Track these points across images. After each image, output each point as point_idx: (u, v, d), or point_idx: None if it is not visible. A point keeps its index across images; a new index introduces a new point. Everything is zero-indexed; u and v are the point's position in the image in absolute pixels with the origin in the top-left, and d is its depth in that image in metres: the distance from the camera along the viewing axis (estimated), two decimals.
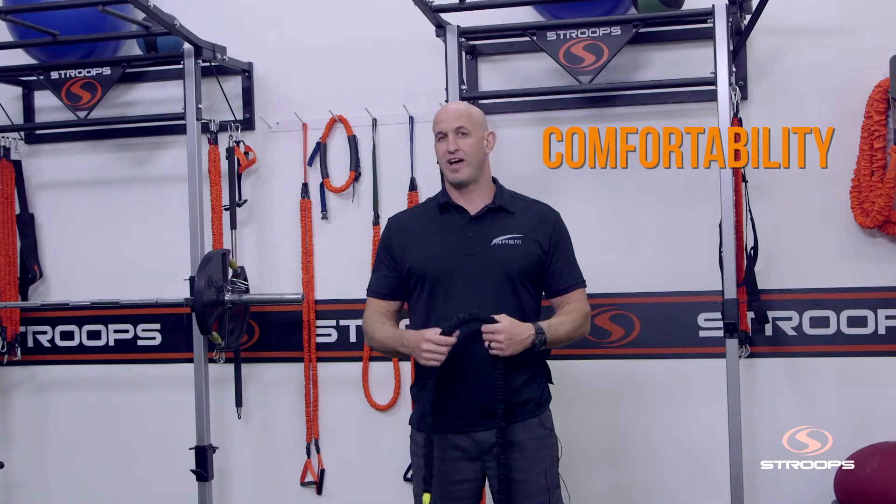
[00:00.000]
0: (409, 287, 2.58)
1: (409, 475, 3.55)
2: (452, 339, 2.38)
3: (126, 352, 3.91)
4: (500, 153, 3.46)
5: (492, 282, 2.48)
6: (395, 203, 3.58)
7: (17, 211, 3.92)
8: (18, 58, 3.75)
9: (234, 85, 3.76)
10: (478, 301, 2.45)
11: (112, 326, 3.93)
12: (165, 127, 3.76)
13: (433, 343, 2.37)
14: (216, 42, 3.51)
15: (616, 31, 3.16)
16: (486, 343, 2.39)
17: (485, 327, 2.38)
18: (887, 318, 3.26)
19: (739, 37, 3.16)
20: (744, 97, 3.29)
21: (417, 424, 2.58)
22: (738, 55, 3.23)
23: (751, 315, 3.28)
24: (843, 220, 3.26)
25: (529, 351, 2.44)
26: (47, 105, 3.94)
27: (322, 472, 3.73)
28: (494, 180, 2.63)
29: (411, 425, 2.64)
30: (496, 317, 2.39)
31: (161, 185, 3.84)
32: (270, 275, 3.75)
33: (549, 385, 2.62)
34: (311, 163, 3.72)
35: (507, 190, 2.64)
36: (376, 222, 3.62)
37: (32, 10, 3.41)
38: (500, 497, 2.50)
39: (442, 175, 3.37)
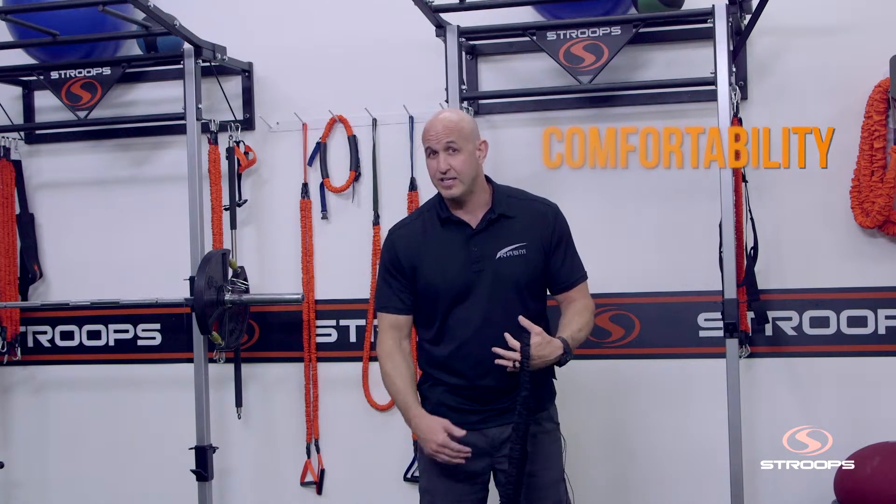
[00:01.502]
0: (418, 302, 2.56)
1: (409, 475, 3.56)
2: (466, 451, 2.42)
3: (126, 352, 3.91)
4: (500, 153, 3.47)
5: (500, 294, 2.47)
6: (395, 203, 3.58)
7: (17, 211, 3.92)
8: (18, 58, 3.75)
9: (234, 85, 3.76)
10: (486, 313, 2.46)
11: (112, 326, 3.93)
12: (165, 127, 3.76)
13: (450, 449, 2.41)
14: (216, 42, 3.51)
15: (616, 31, 3.16)
16: (513, 364, 2.37)
17: (507, 351, 2.37)
18: (887, 318, 3.25)
19: (739, 37, 3.16)
20: (744, 97, 3.29)
21: None
22: (738, 55, 3.23)
23: (751, 315, 3.28)
24: (843, 220, 3.26)
25: None
26: (47, 105, 3.94)
27: (322, 472, 3.73)
28: (489, 180, 2.58)
29: None
30: (531, 330, 2.38)
31: (161, 185, 3.84)
32: (270, 275, 3.75)
33: (553, 380, 2.63)
34: (311, 163, 3.72)
35: (503, 189, 2.59)
36: (376, 222, 3.62)
37: (32, 10, 3.41)
38: (505, 492, 2.52)
39: None
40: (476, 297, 2.47)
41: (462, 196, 2.48)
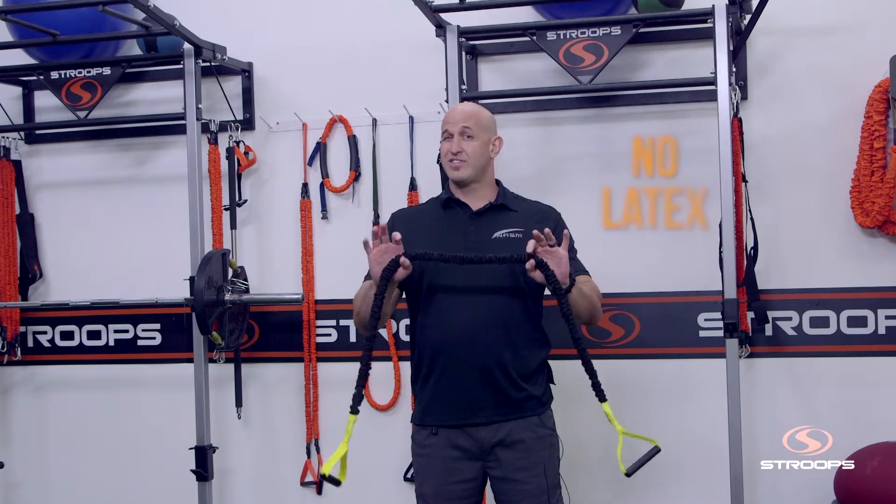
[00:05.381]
0: (410, 281, 2.55)
1: (408, 475, 3.55)
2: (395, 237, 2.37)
3: (126, 352, 3.91)
4: (500, 153, 3.46)
5: (492, 275, 2.47)
6: (395, 203, 3.57)
7: (17, 211, 3.92)
8: (18, 58, 3.75)
9: (234, 85, 3.76)
10: (479, 294, 2.46)
11: (112, 326, 3.93)
12: (165, 127, 3.76)
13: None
14: (216, 42, 3.51)
15: (616, 31, 3.16)
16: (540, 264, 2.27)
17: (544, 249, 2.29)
18: (887, 318, 3.25)
19: (739, 37, 3.16)
20: (744, 97, 3.29)
21: (419, 420, 2.58)
22: (738, 55, 3.23)
23: (751, 315, 3.27)
24: (843, 220, 3.26)
25: (535, 347, 2.49)
26: (47, 105, 3.94)
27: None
28: (498, 183, 2.66)
29: (413, 422, 2.64)
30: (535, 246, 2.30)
31: (161, 185, 3.84)
32: (270, 275, 3.75)
33: (551, 385, 2.62)
34: (311, 163, 3.72)
35: (511, 192, 2.67)
36: (376, 222, 3.62)
37: (32, 10, 3.41)
38: (501, 498, 2.51)
39: (443, 174, 3.39)
40: (466, 275, 2.47)
41: (468, 180, 2.55)
